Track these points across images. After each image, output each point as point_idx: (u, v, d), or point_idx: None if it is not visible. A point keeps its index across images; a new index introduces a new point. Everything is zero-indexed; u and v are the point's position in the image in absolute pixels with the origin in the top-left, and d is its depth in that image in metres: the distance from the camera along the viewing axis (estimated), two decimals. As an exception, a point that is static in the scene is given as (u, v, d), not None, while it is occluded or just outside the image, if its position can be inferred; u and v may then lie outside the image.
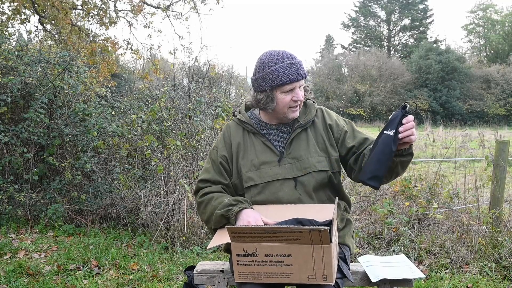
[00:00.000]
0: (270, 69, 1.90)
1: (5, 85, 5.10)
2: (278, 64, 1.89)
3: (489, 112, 29.78)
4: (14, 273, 3.47)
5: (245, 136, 2.05)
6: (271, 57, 1.92)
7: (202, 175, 2.08)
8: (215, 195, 1.98)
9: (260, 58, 1.96)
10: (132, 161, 5.29)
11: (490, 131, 15.33)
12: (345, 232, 2.10)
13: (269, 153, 2.00)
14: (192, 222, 4.33)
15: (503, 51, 38.68)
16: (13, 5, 6.61)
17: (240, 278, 1.72)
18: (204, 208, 2.00)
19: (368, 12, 42.65)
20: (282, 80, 1.89)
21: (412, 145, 1.82)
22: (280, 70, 1.89)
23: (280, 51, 1.94)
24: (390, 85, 31.15)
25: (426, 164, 6.70)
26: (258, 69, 1.94)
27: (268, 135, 2.03)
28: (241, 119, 2.07)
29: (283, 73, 1.88)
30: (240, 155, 2.02)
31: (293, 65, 1.90)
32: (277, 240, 1.62)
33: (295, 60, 1.91)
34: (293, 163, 1.97)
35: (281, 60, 1.90)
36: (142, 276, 3.46)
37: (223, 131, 2.11)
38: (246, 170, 1.98)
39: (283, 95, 1.92)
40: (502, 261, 3.58)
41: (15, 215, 4.97)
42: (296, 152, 1.99)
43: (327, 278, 1.64)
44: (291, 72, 1.89)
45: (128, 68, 14.63)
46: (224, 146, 2.05)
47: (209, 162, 2.09)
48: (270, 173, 1.96)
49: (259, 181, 1.95)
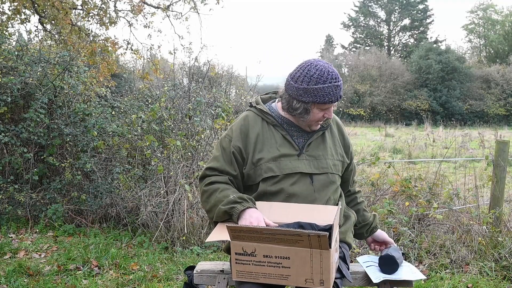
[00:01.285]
0: (317, 86, 1.89)
1: (5, 85, 5.10)
2: (326, 84, 1.90)
3: (489, 112, 29.75)
4: (14, 273, 3.47)
5: (264, 127, 2.04)
6: (322, 73, 1.90)
7: (211, 162, 2.06)
8: (221, 187, 1.97)
9: (309, 69, 1.92)
10: (132, 161, 5.29)
11: (490, 131, 15.34)
12: (346, 227, 2.11)
13: (289, 147, 2.01)
14: (192, 222, 4.33)
15: (503, 51, 38.66)
16: (13, 5, 6.61)
17: (238, 277, 1.73)
18: (207, 198, 1.99)
19: (368, 12, 42.64)
20: (325, 100, 1.91)
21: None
22: (327, 90, 1.90)
23: (330, 68, 1.93)
24: (390, 85, 31.13)
25: (426, 164, 6.70)
26: (304, 79, 1.92)
27: (289, 130, 2.05)
28: (263, 109, 2.06)
29: (329, 94, 1.90)
30: (259, 146, 2.00)
31: (338, 87, 1.92)
32: (276, 242, 1.63)
33: (340, 82, 1.93)
34: (311, 160, 2.01)
35: (330, 80, 1.90)
36: (142, 276, 3.46)
37: (240, 121, 2.08)
38: (265, 161, 1.97)
39: (318, 110, 1.95)
40: (502, 261, 3.58)
41: (15, 215, 4.97)
42: (314, 151, 2.03)
43: (324, 283, 1.64)
44: (335, 94, 1.92)
45: (128, 68, 14.63)
46: (240, 136, 2.02)
47: (219, 150, 2.06)
48: (290, 165, 1.97)
49: (278, 172, 1.96)
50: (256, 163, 1.98)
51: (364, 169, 6.81)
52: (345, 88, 31.03)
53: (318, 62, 1.94)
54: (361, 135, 17.93)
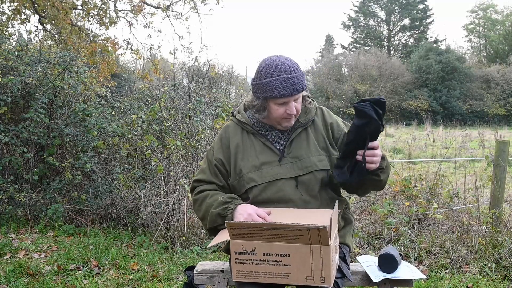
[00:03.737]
0: (265, 80, 1.87)
1: (5, 85, 5.10)
2: (273, 77, 1.86)
3: (489, 112, 29.76)
4: (14, 273, 3.47)
5: (244, 136, 2.04)
6: (269, 67, 1.88)
7: (198, 175, 2.09)
8: (210, 193, 2.00)
9: (260, 65, 1.92)
10: (132, 161, 5.29)
11: (490, 131, 15.34)
12: (345, 231, 2.10)
13: (270, 153, 1.99)
14: (192, 222, 4.33)
15: (503, 51, 38.67)
16: (13, 5, 6.61)
17: (238, 277, 1.72)
18: (199, 206, 2.01)
19: (368, 12, 42.65)
20: (275, 94, 1.86)
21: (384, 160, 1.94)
22: (275, 83, 1.85)
23: (280, 61, 1.88)
24: (390, 85, 31.14)
25: (426, 164, 6.69)
26: (256, 75, 1.93)
27: (268, 136, 2.02)
28: (240, 119, 2.05)
29: (277, 87, 1.85)
30: (239, 156, 2.00)
31: (289, 79, 1.85)
32: (276, 239, 1.62)
33: (292, 74, 1.85)
34: (294, 162, 1.96)
35: (278, 73, 1.85)
36: (142, 276, 3.46)
37: (221, 132, 2.10)
38: (247, 171, 1.97)
39: (276, 106, 1.91)
40: (502, 261, 3.58)
41: (15, 215, 4.97)
42: (296, 152, 1.98)
43: (325, 280, 1.62)
44: (285, 87, 1.85)
45: (128, 68, 14.64)
46: (221, 148, 2.04)
47: (205, 162, 2.09)
48: (271, 172, 1.95)
49: (260, 181, 1.94)
50: (239, 174, 1.99)
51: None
52: (345, 88, 31.03)
53: (271, 57, 1.92)
54: (361, 135, 17.88)
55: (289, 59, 1.91)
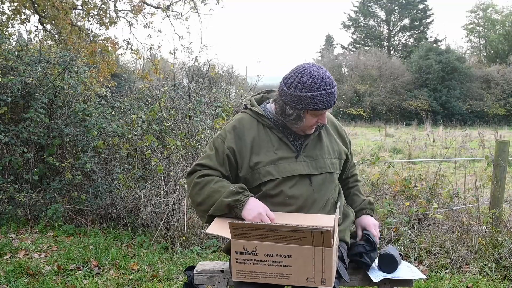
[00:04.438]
0: (310, 94, 1.85)
1: (5, 85, 5.10)
2: (319, 91, 1.85)
3: (489, 112, 29.74)
4: (14, 273, 3.47)
5: (260, 130, 2.01)
6: (315, 80, 1.85)
7: (203, 160, 2.01)
8: (215, 178, 1.93)
9: (302, 76, 1.87)
10: (132, 161, 5.29)
11: (490, 131, 15.33)
12: (344, 226, 2.10)
13: (287, 149, 1.99)
14: (192, 222, 4.33)
15: (503, 51, 38.63)
16: (13, 5, 6.62)
17: (238, 277, 1.71)
18: (200, 189, 1.93)
19: (368, 12, 42.62)
20: (319, 107, 1.88)
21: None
22: (321, 97, 1.86)
23: (324, 75, 1.88)
24: (390, 85, 31.12)
25: (426, 164, 6.69)
26: (297, 86, 1.87)
27: (285, 132, 2.02)
28: (259, 111, 2.03)
29: (322, 101, 1.86)
30: (255, 150, 1.97)
31: (332, 94, 1.88)
32: (279, 240, 1.61)
33: (334, 89, 1.89)
34: (309, 161, 1.99)
35: (323, 87, 1.86)
36: (142, 276, 3.46)
37: (234, 122, 2.04)
38: (264, 164, 1.95)
39: (311, 117, 1.92)
40: (502, 261, 3.58)
41: (15, 215, 4.97)
42: (311, 152, 2.02)
43: (326, 282, 1.62)
44: (328, 101, 1.88)
45: (128, 68, 14.63)
46: (234, 139, 1.98)
47: (212, 149, 2.01)
48: (288, 168, 1.95)
49: (277, 175, 1.94)
50: (253, 167, 1.95)
51: (364, 169, 6.80)
52: (345, 88, 31.03)
53: (312, 67, 1.90)
54: (361, 135, 17.92)
55: (327, 71, 1.93)
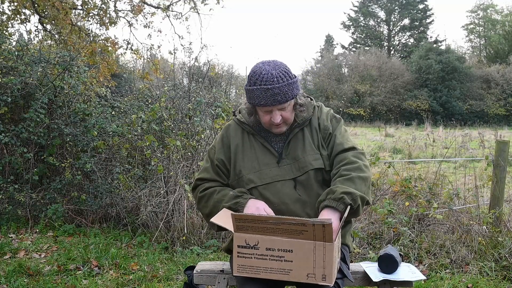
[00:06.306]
0: (249, 88, 1.89)
1: (5, 85, 5.10)
2: (255, 86, 1.87)
3: (489, 112, 29.76)
4: (14, 273, 3.47)
5: (244, 137, 2.05)
6: (254, 75, 1.88)
7: (201, 174, 2.09)
8: (217, 189, 2.00)
9: (250, 70, 1.92)
10: (132, 161, 5.29)
11: (490, 131, 15.34)
12: (345, 231, 2.10)
13: (268, 155, 2.00)
14: (192, 222, 4.33)
15: (503, 51, 38.62)
16: (13, 5, 6.62)
17: (239, 272, 1.71)
18: (206, 202, 2.00)
19: (368, 12, 42.63)
20: (256, 102, 1.89)
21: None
22: (256, 92, 1.87)
23: (265, 70, 1.86)
24: (390, 85, 31.14)
25: (426, 164, 6.70)
26: (247, 80, 1.94)
27: (266, 137, 2.03)
28: (241, 119, 2.06)
29: (258, 96, 1.87)
30: (239, 156, 2.01)
31: (268, 90, 1.84)
32: (280, 233, 1.61)
33: (273, 85, 1.83)
34: (292, 163, 1.98)
35: (259, 82, 1.85)
36: (142, 276, 3.46)
37: (222, 132, 2.11)
38: (246, 172, 1.98)
39: (262, 113, 1.94)
40: (502, 261, 3.58)
41: (15, 215, 4.97)
42: (293, 152, 1.99)
43: (326, 278, 1.62)
44: (265, 97, 1.86)
45: (128, 68, 14.64)
46: (222, 148, 2.05)
47: (208, 161, 2.10)
48: (270, 174, 1.96)
49: (259, 182, 1.95)
50: (238, 174, 2.00)
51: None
52: (345, 88, 31.06)
53: (260, 63, 1.91)
54: (361, 135, 17.93)
55: (278, 67, 1.87)
